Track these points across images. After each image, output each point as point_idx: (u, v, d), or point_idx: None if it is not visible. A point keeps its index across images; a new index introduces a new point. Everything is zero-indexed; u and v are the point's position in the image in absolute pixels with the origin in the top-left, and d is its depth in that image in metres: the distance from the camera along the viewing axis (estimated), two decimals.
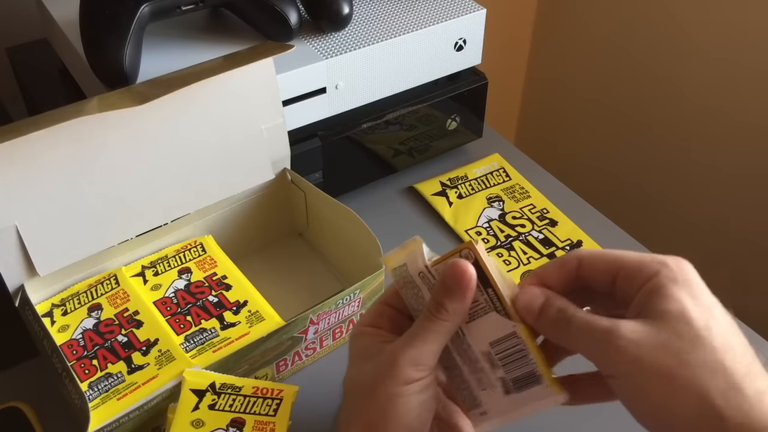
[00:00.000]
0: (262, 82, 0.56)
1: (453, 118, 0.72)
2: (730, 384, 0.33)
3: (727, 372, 0.33)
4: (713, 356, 0.34)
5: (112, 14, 0.54)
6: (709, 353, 0.34)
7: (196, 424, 0.44)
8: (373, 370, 0.39)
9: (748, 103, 1.00)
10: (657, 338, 0.34)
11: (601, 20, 1.16)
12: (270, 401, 0.46)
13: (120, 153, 0.51)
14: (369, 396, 0.38)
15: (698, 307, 0.35)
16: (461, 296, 0.38)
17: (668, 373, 0.34)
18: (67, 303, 0.53)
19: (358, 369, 0.41)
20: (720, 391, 0.33)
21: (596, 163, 1.29)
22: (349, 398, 0.40)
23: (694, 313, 0.34)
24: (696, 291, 0.35)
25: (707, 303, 0.35)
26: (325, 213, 0.60)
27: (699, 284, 0.36)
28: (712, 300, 0.36)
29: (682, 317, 0.34)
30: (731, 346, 0.34)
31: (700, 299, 0.35)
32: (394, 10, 0.67)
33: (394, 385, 0.37)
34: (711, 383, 0.33)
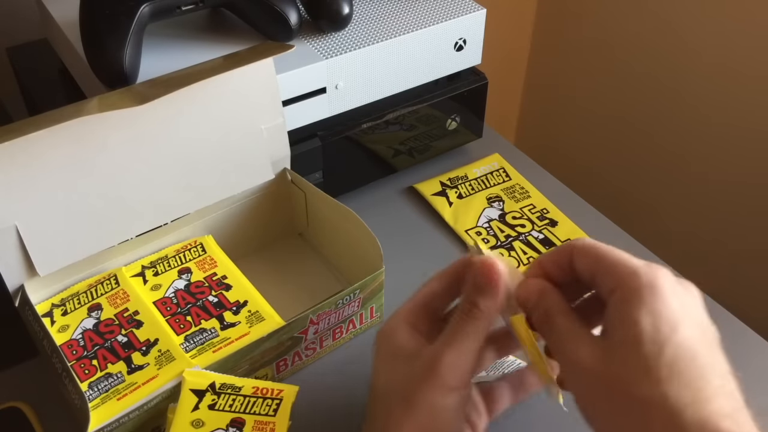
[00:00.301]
0: (262, 82, 0.56)
1: (453, 118, 0.72)
2: (670, 419, 0.33)
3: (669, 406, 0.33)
4: (656, 388, 0.33)
5: (112, 14, 0.54)
6: (652, 386, 0.33)
7: (196, 424, 0.44)
8: (410, 374, 0.38)
9: (746, 106, 1.00)
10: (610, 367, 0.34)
11: (601, 20, 1.16)
12: (270, 401, 0.46)
13: (120, 153, 0.51)
14: (407, 404, 0.37)
15: (655, 330, 0.34)
16: (493, 293, 0.39)
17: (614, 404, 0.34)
18: (67, 303, 0.53)
19: (392, 370, 0.39)
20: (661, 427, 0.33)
21: (596, 163, 1.29)
22: (382, 402, 0.39)
23: (646, 339, 0.34)
24: (660, 306, 0.34)
25: (670, 320, 0.34)
26: (325, 213, 0.60)
27: (667, 298, 0.35)
28: (677, 317, 0.34)
29: (634, 344, 0.34)
30: (681, 372, 0.33)
31: (664, 316, 0.34)
32: (394, 10, 0.67)
33: (436, 394, 0.37)
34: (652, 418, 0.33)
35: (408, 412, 0.37)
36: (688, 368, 0.33)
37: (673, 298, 0.35)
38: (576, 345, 0.36)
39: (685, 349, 0.34)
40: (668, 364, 0.33)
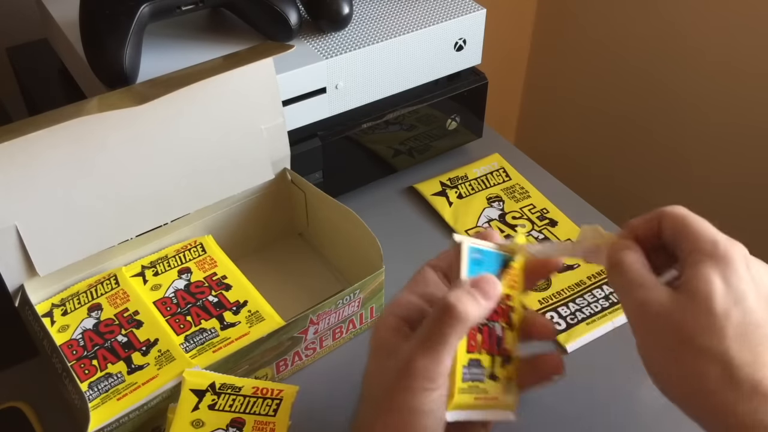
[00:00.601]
0: (262, 82, 0.56)
1: (453, 118, 0.72)
2: (726, 373, 0.35)
3: (727, 360, 0.35)
4: (720, 343, 0.35)
5: (112, 14, 0.54)
6: (716, 340, 0.35)
7: (196, 424, 0.44)
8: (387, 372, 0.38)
9: (747, 105, 1.00)
10: (677, 315, 0.36)
11: (601, 20, 1.16)
12: (270, 401, 0.46)
13: (120, 153, 0.51)
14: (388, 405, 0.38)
15: (726, 292, 0.36)
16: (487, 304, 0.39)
17: (676, 351, 0.36)
18: (67, 303, 0.53)
19: (379, 364, 0.40)
20: (714, 378, 0.35)
21: (596, 163, 1.29)
22: (369, 398, 0.40)
23: (718, 297, 0.36)
24: (732, 276, 0.36)
25: (739, 289, 0.36)
26: (325, 213, 0.60)
27: (739, 269, 0.37)
28: (747, 288, 0.36)
29: (706, 299, 0.36)
30: (745, 334, 0.35)
31: (734, 285, 0.36)
32: (394, 10, 0.67)
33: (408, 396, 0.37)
34: (709, 369, 0.35)
35: (389, 412, 0.37)
36: (752, 333, 0.35)
37: (745, 272, 0.37)
38: (647, 288, 0.38)
39: (751, 316, 0.36)
40: (735, 325, 0.35)
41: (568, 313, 0.59)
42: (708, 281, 0.36)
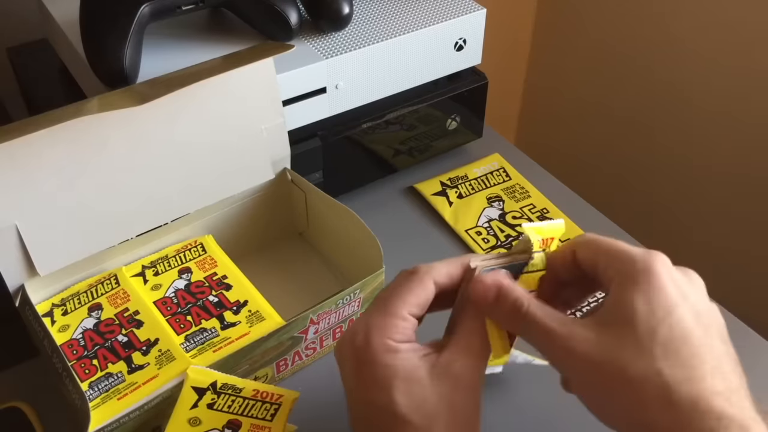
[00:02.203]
0: (262, 82, 0.56)
1: (453, 118, 0.72)
2: (664, 395, 0.33)
3: (662, 382, 0.33)
4: (650, 366, 0.33)
5: (112, 14, 0.54)
6: (645, 364, 0.34)
7: (193, 422, 0.44)
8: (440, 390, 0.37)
9: (747, 103, 1.00)
10: (603, 347, 0.35)
11: (601, 20, 1.16)
12: (268, 405, 0.46)
13: (120, 153, 0.51)
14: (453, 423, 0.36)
15: (649, 311, 0.34)
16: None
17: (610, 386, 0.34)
18: (67, 303, 0.53)
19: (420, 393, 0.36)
20: (654, 401, 0.33)
21: (596, 163, 1.29)
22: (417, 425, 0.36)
23: (640, 319, 0.34)
24: (655, 292, 0.35)
25: (664, 305, 0.35)
26: (325, 213, 0.60)
27: (662, 283, 0.35)
28: (673, 301, 0.35)
29: (627, 324, 0.34)
30: (676, 350, 0.34)
31: (657, 301, 0.35)
32: (394, 10, 0.67)
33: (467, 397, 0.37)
34: (646, 395, 0.33)
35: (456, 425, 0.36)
36: (682, 348, 0.34)
37: (669, 283, 0.35)
38: (564, 329, 0.36)
39: (680, 330, 0.34)
40: (662, 344, 0.34)
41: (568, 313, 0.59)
42: (628, 304, 0.35)
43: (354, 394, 0.38)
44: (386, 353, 0.37)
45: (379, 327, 0.37)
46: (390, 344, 0.37)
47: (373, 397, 0.37)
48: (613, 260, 0.37)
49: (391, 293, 0.39)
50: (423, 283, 0.39)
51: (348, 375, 0.38)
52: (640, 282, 0.35)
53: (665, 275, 0.35)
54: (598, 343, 0.35)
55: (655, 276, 0.35)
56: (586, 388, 0.36)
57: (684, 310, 0.35)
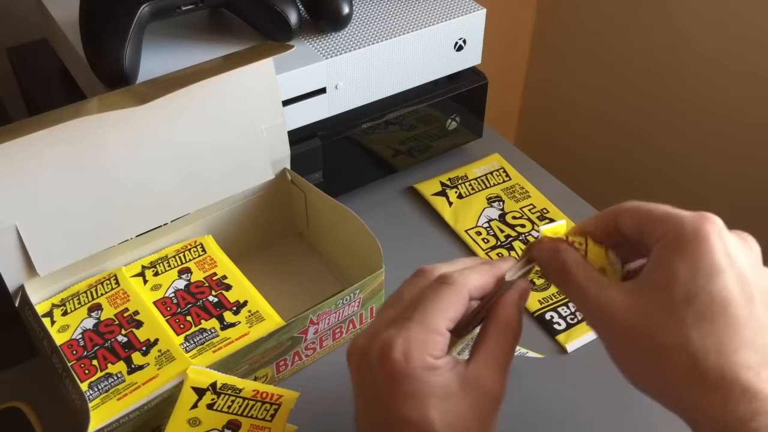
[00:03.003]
0: (262, 82, 0.56)
1: (453, 118, 0.72)
2: (691, 364, 0.33)
3: (691, 348, 0.33)
4: (680, 333, 0.33)
5: (112, 14, 0.54)
6: (675, 331, 0.33)
7: (193, 423, 0.44)
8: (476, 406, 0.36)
9: (747, 103, 1.00)
10: (633, 311, 0.34)
11: (601, 20, 1.16)
12: (268, 406, 0.46)
13: (120, 153, 0.51)
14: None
15: (690, 276, 0.33)
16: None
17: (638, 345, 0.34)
18: (67, 303, 0.53)
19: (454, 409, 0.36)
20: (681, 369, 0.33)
21: (596, 163, 1.29)
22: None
23: (679, 284, 0.33)
24: (700, 256, 0.33)
25: (708, 270, 0.33)
26: (325, 213, 0.60)
27: (709, 247, 0.34)
28: (719, 265, 0.33)
29: (667, 286, 0.34)
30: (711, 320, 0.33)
31: (700, 265, 0.33)
32: (394, 10, 0.67)
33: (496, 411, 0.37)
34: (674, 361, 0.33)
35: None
36: (717, 318, 0.33)
37: (719, 247, 0.34)
38: (599, 292, 0.36)
39: (720, 299, 0.33)
40: (697, 311, 0.33)
41: (568, 313, 0.59)
42: (668, 269, 0.34)
43: (380, 406, 0.37)
44: (426, 370, 0.36)
45: (419, 342, 0.36)
46: (430, 362, 0.36)
47: (408, 413, 0.35)
48: (659, 224, 0.36)
49: (430, 306, 0.37)
50: (461, 298, 0.38)
51: (376, 387, 0.37)
52: (687, 246, 0.34)
53: (714, 240, 0.34)
54: (629, 308, 0.35)
55: (704, 240, 0.34)
56: (617, 352, 0.36)
57: (728, 277, 0.33)
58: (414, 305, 0.38)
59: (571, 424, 0.52)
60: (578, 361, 0.56)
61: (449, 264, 0.41)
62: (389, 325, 0.37)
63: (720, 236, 0.34)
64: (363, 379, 0.38)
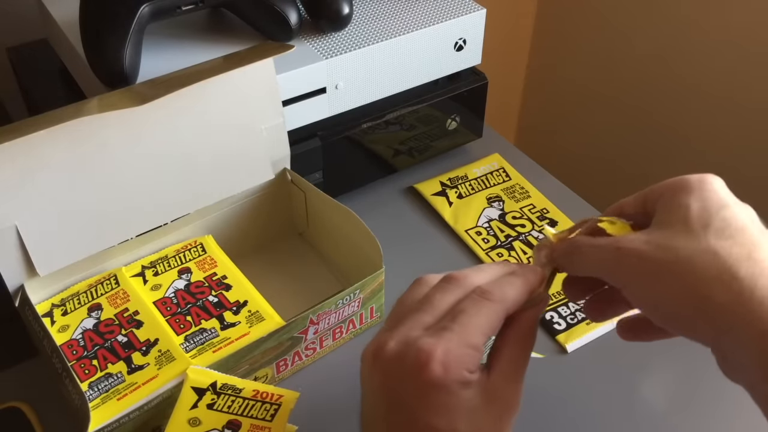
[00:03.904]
0: (262, 82, 0.56)
1: (453, 118, 0.72)
2: (722, 270, 0.34)
3: (719, 259, 0.34)
4: (705, 246, 0.34)
5: (112, 14, 0.54)
6: (701, 244, 0.34)
7: (193, 423, 0.44)
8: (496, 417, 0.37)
9: (753, 99, 1.00)
10: (655, 241, 0.36)
11: (601, 20, 1.16)
12: (268, 406, 0.46)
13: (120, 153, 0.51)
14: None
15: (702, 209, 0.35)
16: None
17: (665, 270, 0.35)
18: (67, 303, 0.53)
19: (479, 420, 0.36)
20: (711, 278, 0.34)
21: (596, 164, 1.29)
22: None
23: (694, 214, 0.35)
24: (706, 195, 0.36)
25: (719, 201, 0.36)
26: (325, 213, 0.60)
27: (714, 190, 0.36)
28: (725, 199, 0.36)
29: (682, 220, 0.35)
30: (732, 236, 0.34)
31: (711, 200, 0.36)
32: (394, 10, 0.67)
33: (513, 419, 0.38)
34: (703, 272, 0.34)
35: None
36: (736, 236, 0.34)
37: (723, 190, 0.36)
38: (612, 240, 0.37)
39: (735, 222, 0.35)
40: (716, 232, 0.34)
41: (568, 313, 0.59)
42: (682, 206, 0.36)
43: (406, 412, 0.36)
44: (461, 384, 0.36)
45: (458, 356, 0.36)
46: (466, 376, 0.36)
47: (437, 422, 0.35)
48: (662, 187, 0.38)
49: (471, 321, 0.37)
50: (500, 315, 0.38)
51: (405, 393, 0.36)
52: (694, 188, 0.36)
53: (719, 184, 0.37)
54: (648, 241, 0.36)
55: (709, 182, 0.36)
56: (639, 288, 0.36)
57: (739, 209, 0.36)
58: (453, 316, 0.37)
59: (571, 424, 0.52)
60: (578, 361, 0.56)
61: (477, 271, 0.40)
62: (424, 331, 0.37)
63: (723, 184, 0.37)
64: (389, 381, 0.37)
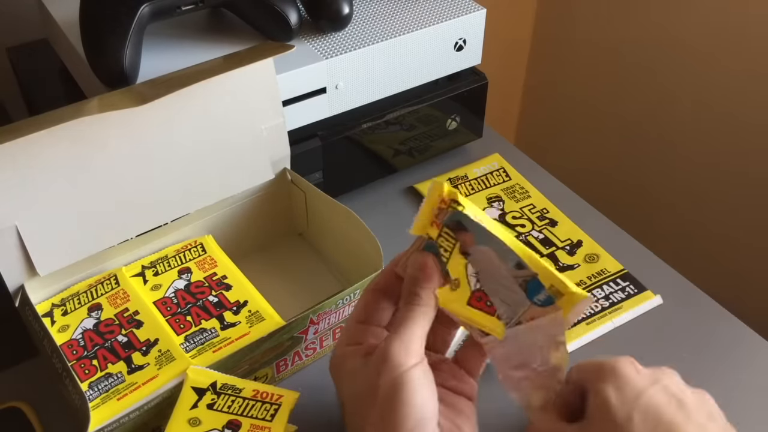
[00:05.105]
0: (262, 82, 0.56)
1: (453, 118, 0.72)
2: None
3: None
4: None
5: (112, 14, 0.54)
6: None
7: (193, 423, 0.44)
8: (368, 375, 0.40)
9: (745, 103, 1.00)
10: None
11: (601, 20, 1.16)
12: (268, 406, 0.46)
13: (120, 153, 0.51)
14: (372, 395, 0.39)
15: (622, 398, 0.37)
16: (430, 282, 0.42)
17: None
18: (67, 303, 0.53)
19: (354, 385, 0.41)
20: None
21: (596, 163, 1.29)
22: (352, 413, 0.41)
23: (615, 407, 0.37)
24: (622, 381, 0.38)
25: (634, 390, 0.38)
26: (325, 213, 0.60)
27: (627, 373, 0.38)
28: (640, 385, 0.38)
29: (604, 414, 0.37)
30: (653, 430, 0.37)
31: (626, 388, 0.38)
32: (394, 10, 0.67)
33: (392, 374, 0.38)
34: None
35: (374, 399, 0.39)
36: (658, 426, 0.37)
37: (634, 374, 0.39)
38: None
39: (653, 409, 0.37)
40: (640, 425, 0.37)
41: None
42: (601, 397, 0.38)
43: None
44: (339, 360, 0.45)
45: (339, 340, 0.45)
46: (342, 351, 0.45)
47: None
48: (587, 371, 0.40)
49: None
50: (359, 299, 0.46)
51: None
52: (609, 377, 0.39)
53: (630, 367, 0.39)
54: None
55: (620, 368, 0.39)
56: None
57: (655, 390, 0.38)
58: None
59: None
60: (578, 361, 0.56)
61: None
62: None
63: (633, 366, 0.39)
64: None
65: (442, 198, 0.42)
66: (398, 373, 0.38)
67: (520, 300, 0.41)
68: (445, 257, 0.43)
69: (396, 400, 0.38)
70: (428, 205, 0.43)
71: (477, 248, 0.42)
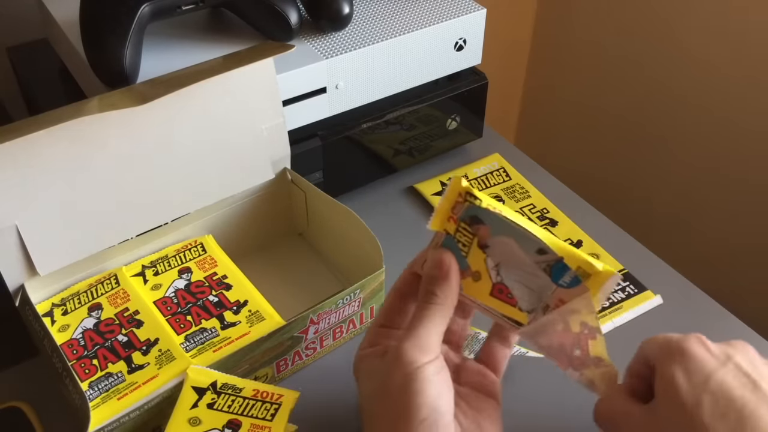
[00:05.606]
0: (262, 82, 0.56)
1: (453, 118, 0.72)
2: None
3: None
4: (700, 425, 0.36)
5: (112, 14, 0.54)
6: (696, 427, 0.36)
7: (193, 422, 0.44)
8: (382, 372, 0.40)
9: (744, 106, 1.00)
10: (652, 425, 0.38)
11: (601, 21, 1.16)
12: (269, 405, 0.46)
13: (120, 153, 0.51)
14: (385, 393, 0.39)
15: (690, 382, 0.37)
16: (447, 280, 0.42)
17: None
18: (67, 303, 0.53)
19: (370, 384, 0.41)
20: None
21: (596, 163, 1.29)
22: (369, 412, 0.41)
23: (683, 390, 0.37)
24: (692, 363, 0.37)
25: (703, 373, 0.37)
26: (325, 213, 0.60)
27: (697, 355, 0.38)
28: (711, 367, 0.37)
29: (672, 398, 0.37)
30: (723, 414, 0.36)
31: (696, 371, 0.37)
32: (394, 10, 0.67)
33: (405, 370, 0.38)
34: None
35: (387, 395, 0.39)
36: (729, 413, 0.36)
37: (705, 355, 0.38)
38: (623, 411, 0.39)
39: (724, 391, 0.36)
40: (708, 410, 0.36)
41: None
42: (669, 380, 0.37)
43: None
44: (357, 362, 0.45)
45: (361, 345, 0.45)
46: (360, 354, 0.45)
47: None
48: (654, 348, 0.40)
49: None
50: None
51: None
52: (677, 358, 0.38)
53: (701, 347, 0.38)
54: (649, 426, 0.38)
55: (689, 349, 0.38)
56: None
57: (725, 371, 0.37)
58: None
59: (571, 424, 0.52)
60: None
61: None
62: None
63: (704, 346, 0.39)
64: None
65: (459, 192, 0.42)
66: (411, 370, 0.38)
67: (545, 284, 0.41)
68: (464, 252, 0.42)
69: (408, 392, 0.38)
70: (447, 200, 0.43)
71: (494, 239, 0.42)
